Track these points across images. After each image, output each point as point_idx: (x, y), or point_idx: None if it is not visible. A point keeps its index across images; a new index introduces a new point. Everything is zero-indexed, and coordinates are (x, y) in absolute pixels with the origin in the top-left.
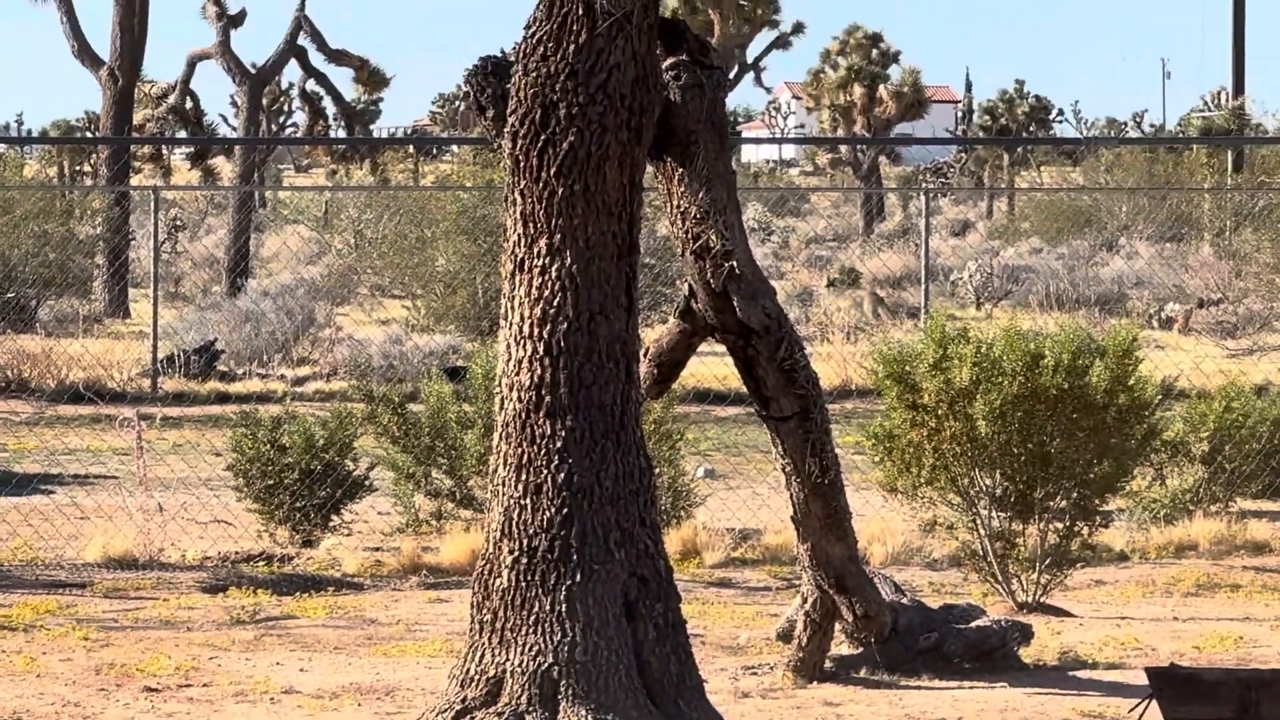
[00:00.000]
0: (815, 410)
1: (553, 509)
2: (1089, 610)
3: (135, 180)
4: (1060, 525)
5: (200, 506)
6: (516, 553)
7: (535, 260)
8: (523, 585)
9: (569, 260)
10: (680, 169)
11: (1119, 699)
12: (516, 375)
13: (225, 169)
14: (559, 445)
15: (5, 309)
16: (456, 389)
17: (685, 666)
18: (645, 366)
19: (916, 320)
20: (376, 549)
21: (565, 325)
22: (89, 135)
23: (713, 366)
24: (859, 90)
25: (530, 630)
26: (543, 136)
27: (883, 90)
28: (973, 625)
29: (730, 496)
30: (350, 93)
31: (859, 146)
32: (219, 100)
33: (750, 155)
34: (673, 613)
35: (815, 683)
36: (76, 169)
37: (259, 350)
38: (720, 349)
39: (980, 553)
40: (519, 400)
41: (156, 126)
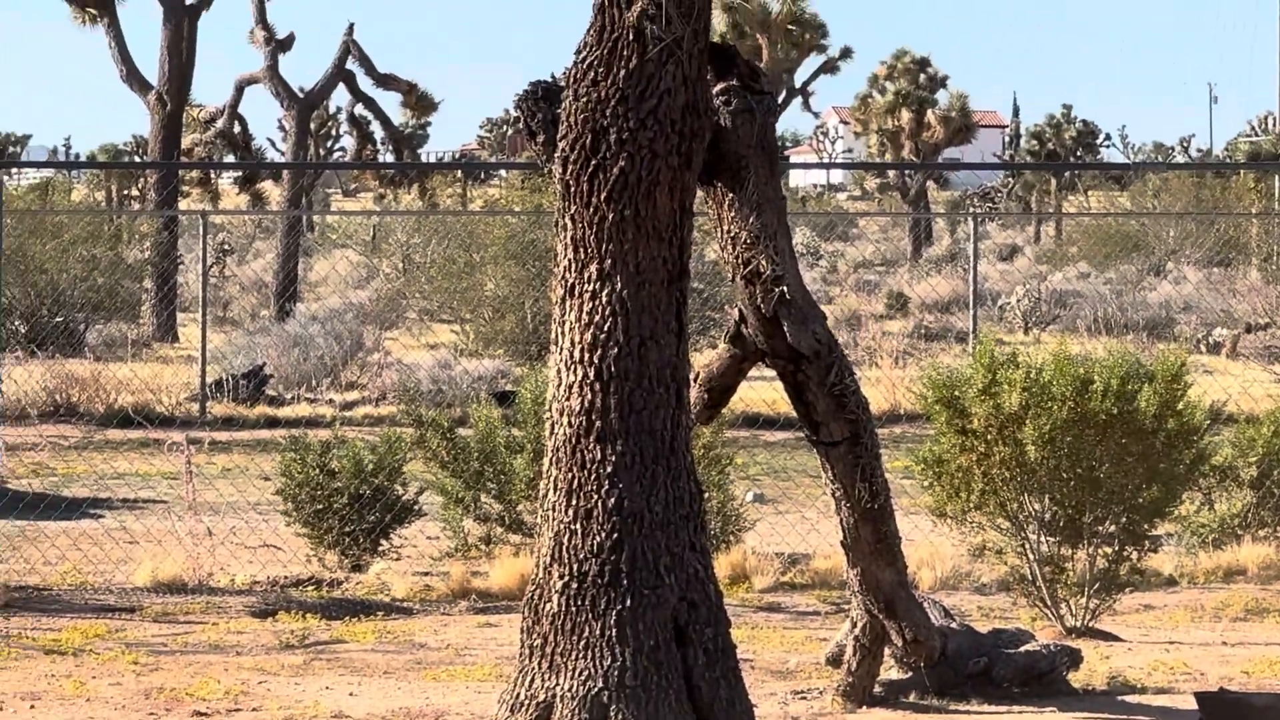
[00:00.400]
0: (865, 435)
1: (603, 534)
2: (1138, 635)
3: (183, 205)
4: (1109, 550)
5: (249, 531)
6: (566, 577)
7: (586, 285)
8: (573, 610)
9: (619, 285)
10: (730, 194)
11: None
12: (567, 400)
13: (273, 193)
14: (609, 470)
15: (54, 333)
16: (505, 413)
17: (735, 691)
18: (696, 391)
19: (965, 345)
20: (425, 573)
21: (616, 350)
22: (137, 160)
23: (762, 391)
24: (907, 115)
25: (580, 655)
26: (593, 161)
27: (930, 115)
28: (1022, 650)
29: (779, 521)
30: (398, 117)
31: (907, 171)
32: (267, 124)
33: (798, 180)
34: (723, 637)
35: (864, 707)
36: (124, 193)
37: (307, 375)
38: (769, 373)
39: (1029, 577)
40: (569, 425)
41: (204, 151)
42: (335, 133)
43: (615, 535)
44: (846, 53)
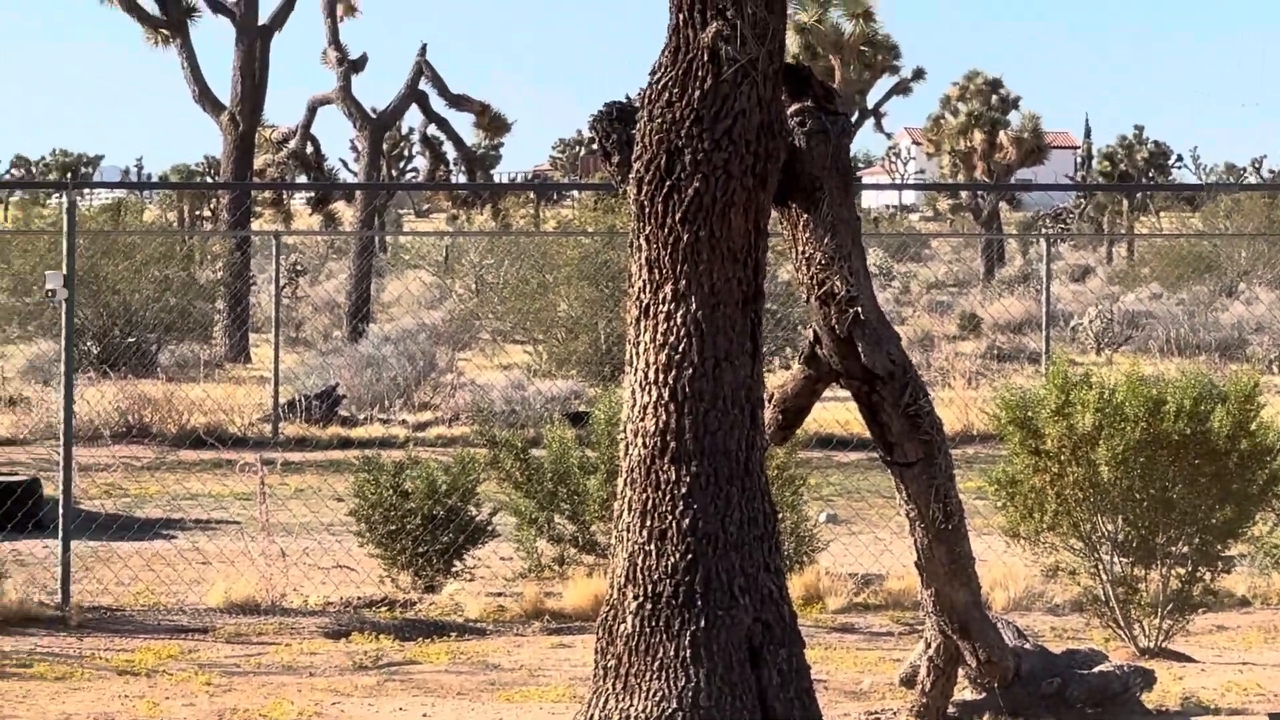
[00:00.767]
0: (939, 455)
1: (677, 554)
2: (1211, 655)
3: (256, 225)
4: (1182, 570)
5: (322, 552)
6: (641, 598)
7: (660, 306)
8: (647, 631)
9: (694, 306)
10: (805, 215)
11: None
12: (641, 421)
13: (346, 214)
14: (684, 491)
15: (126, 354)
16: (579, 434)
17: (809, 712)
18: (770, 412)
19: (1037, 366)
20: (499, 594)
21: (690, 371)
22: (209, 180)
23: (835, 412)
24: (979, 136)
25: (655, 676)
26: (668, 182)
27: (1003, 136)
28: (1095, 670)
29: (853, 542)
30: (471, 138)
31: (979, 192)
32: (340, 145)
33: (871, 201)
34: (797, 658)
35: None
36: (196, 214)
37: (380, 395)
38: (841, 394)
39: (1102, 598)
40: (644, 446)
41: (277, 171)
42: (408, 153)
43: (690, 556)
44: (919, 74)
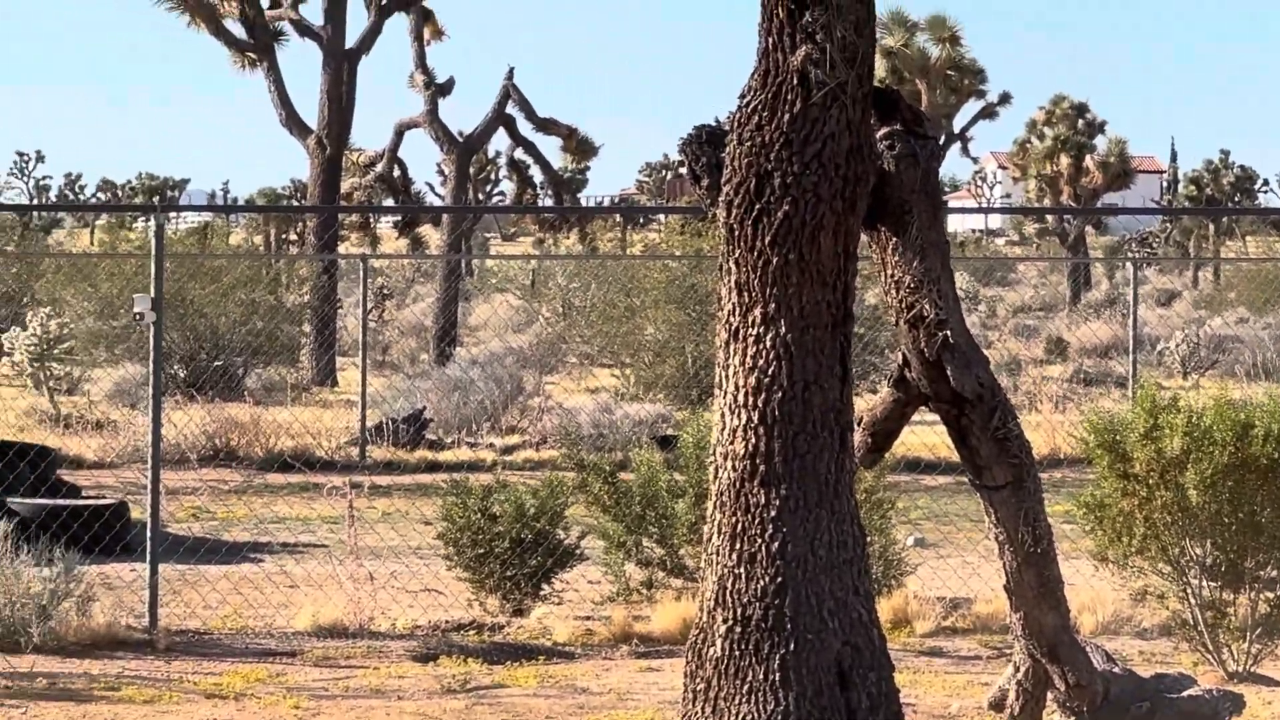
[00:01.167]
0: (1028, 479)
1: (767, 578)
2: None
3: (342, 248)
4: (1271, 595)
5: (410, 575)
6: (730, 622)
7: (750, 329)
8: (736, 654)
9: (784, 329)
10: (894, 238)
11: None
12: (731, 444)
13: (433, 237)
14: (773, 514)
15: (213, 377)
16: (667, 457)
17: None
18: (860, 435)
19: (1124, 390)
20: (587, 618)
21: (780, 394)
22: (296, 203)
23: (922, 435)
24: (1065, 160)
25: (744, 700)
26: (757, 206)
27: (1089, 160)
28: (1184, 695)
29: (940, 565)
30: (558, 161)
31: (1065, 216)
32: (427, 168)
33: (956, 225)
34: (885, 682)
35: None
36: (283, 237)
37: (468, 419)
38: (929, 417)
39: (1191, 622)
40: (733, 469)
41: (364, 195)
42: (495, 177)
43: (779, 579)
44: (1005, 98)
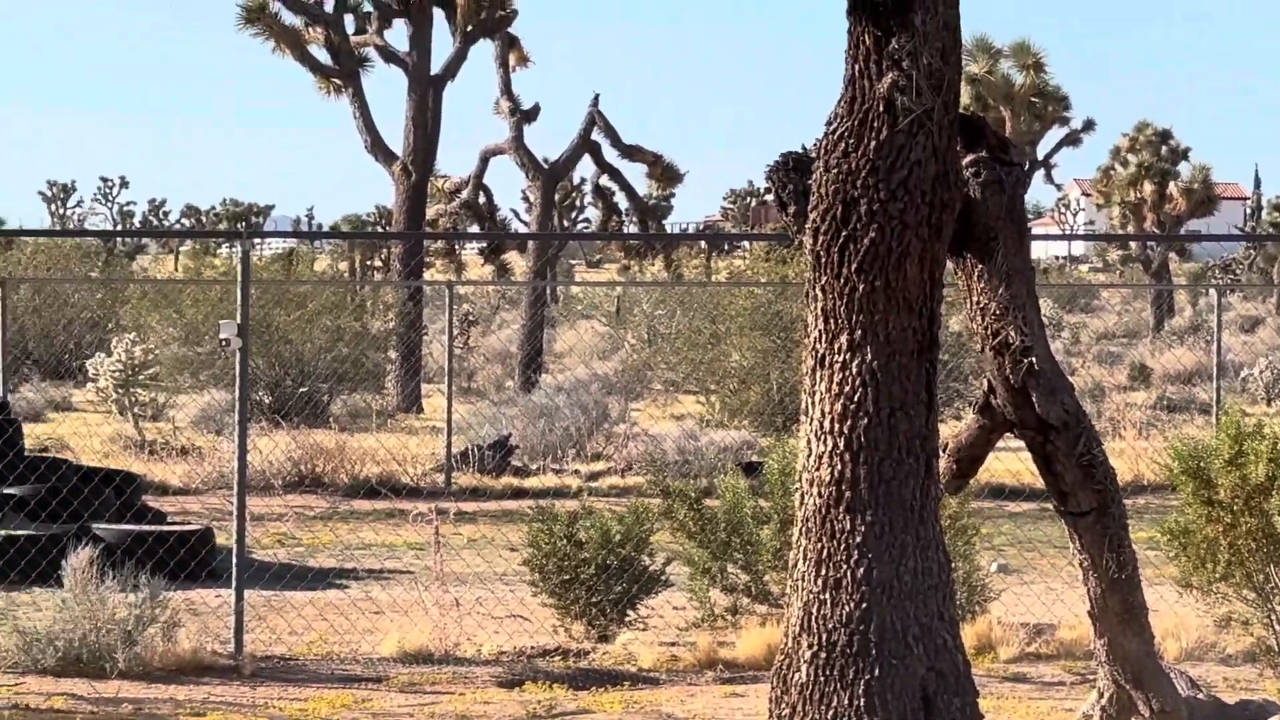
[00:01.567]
0: (1113, 505)
1: (852, 604)
2: None
3: (428, 275)
4: None
5: (496, 601)
6: (815, 647)
7: (836, 356)
8: (821, 680)
9: (869, 356)
10: (980, 265)
11: None
12: (816, 470)
13: (518, 264)
14: (859, 540)
15: (298, 404)
16: (752, 484)
17: None
18: (945, 461)
19: (1208, 416)
20: (672, 643)
21: (866, 421)
22: (381, 230)
23: (1006, 462)
24: (1149, 187)
25: None
26: (844, 232)
27: (1172, 187)
28: None
29: (1024, 591)
30: (643, 188)
31: (1149, 243)
32: (512, 195)
33: (1040, 251)
34: (970, 707)
35: None
36: (368, 264)
37: (553, 445)
38: (1012, 444)
39: (1275, 648)
40: (819, 495)
41: (449, 221)
42: (580, 204)
43: (864, 605)
44: (1089, 125)
